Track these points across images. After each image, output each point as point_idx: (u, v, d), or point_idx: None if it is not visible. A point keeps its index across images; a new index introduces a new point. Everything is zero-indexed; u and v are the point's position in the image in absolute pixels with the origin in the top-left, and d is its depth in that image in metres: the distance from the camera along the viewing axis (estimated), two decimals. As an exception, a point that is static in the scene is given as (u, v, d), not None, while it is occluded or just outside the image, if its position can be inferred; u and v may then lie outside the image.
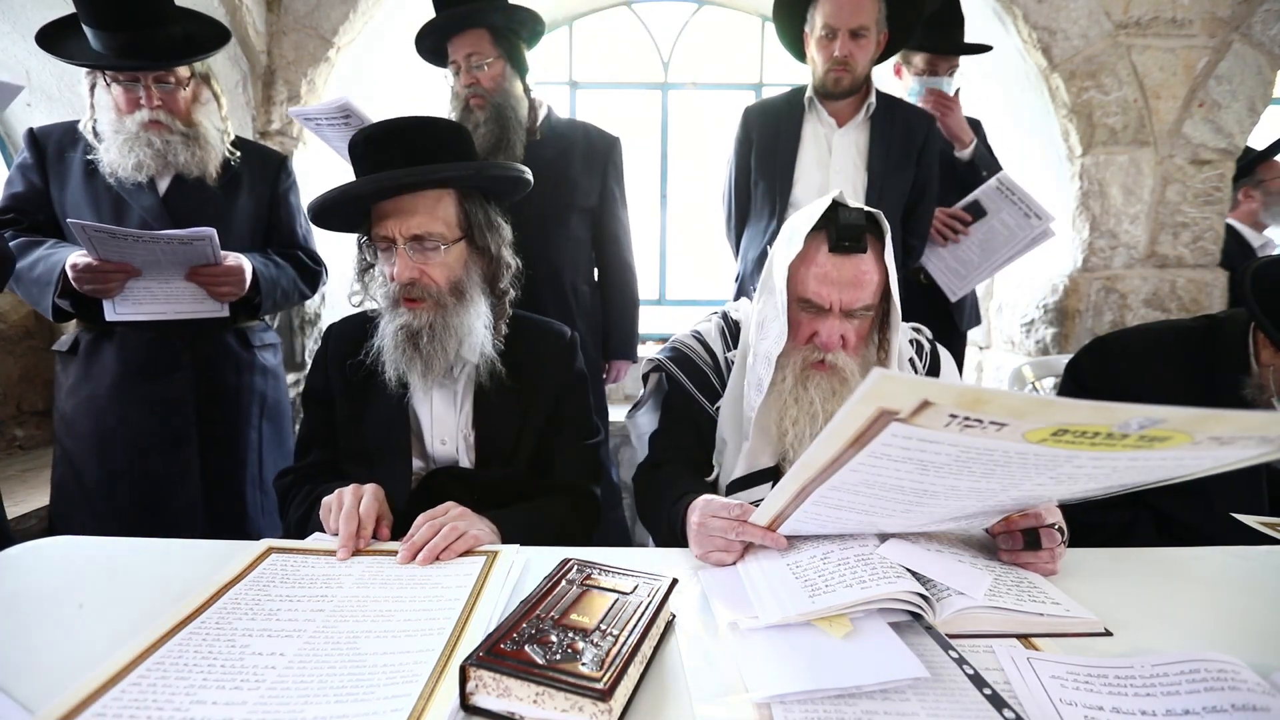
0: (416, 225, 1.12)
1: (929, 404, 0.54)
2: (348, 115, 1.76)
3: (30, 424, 2.46)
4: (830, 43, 1.85)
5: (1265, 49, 2.41)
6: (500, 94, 1.79)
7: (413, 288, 1.14)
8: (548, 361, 1.27)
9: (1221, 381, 1.22)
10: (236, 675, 0.66)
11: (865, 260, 1.05)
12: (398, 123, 1.15)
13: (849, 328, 1.07)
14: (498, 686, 0.62)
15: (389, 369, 1.16)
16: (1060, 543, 0.91)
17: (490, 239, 1.20)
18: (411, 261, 1.13)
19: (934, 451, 0.62)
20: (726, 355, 1.24)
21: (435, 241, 1.14)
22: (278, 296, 1.73)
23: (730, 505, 0.93)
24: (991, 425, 0.56)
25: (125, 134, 1.53)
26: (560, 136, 1.92)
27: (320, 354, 1.29)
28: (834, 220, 1.04)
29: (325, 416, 1.27)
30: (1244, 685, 0.63)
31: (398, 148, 1.13)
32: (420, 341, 1.13)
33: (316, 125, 1.86)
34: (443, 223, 1.15)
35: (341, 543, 0.94)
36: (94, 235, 1.40)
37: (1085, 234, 2.56)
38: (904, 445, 0.61)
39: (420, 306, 1.14)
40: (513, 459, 1.23)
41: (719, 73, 3.69)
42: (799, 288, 1.07)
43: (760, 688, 0.65)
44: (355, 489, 1.00)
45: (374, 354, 1.17)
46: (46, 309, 1.53)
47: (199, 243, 1.48)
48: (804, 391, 1.08)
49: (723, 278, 2.39)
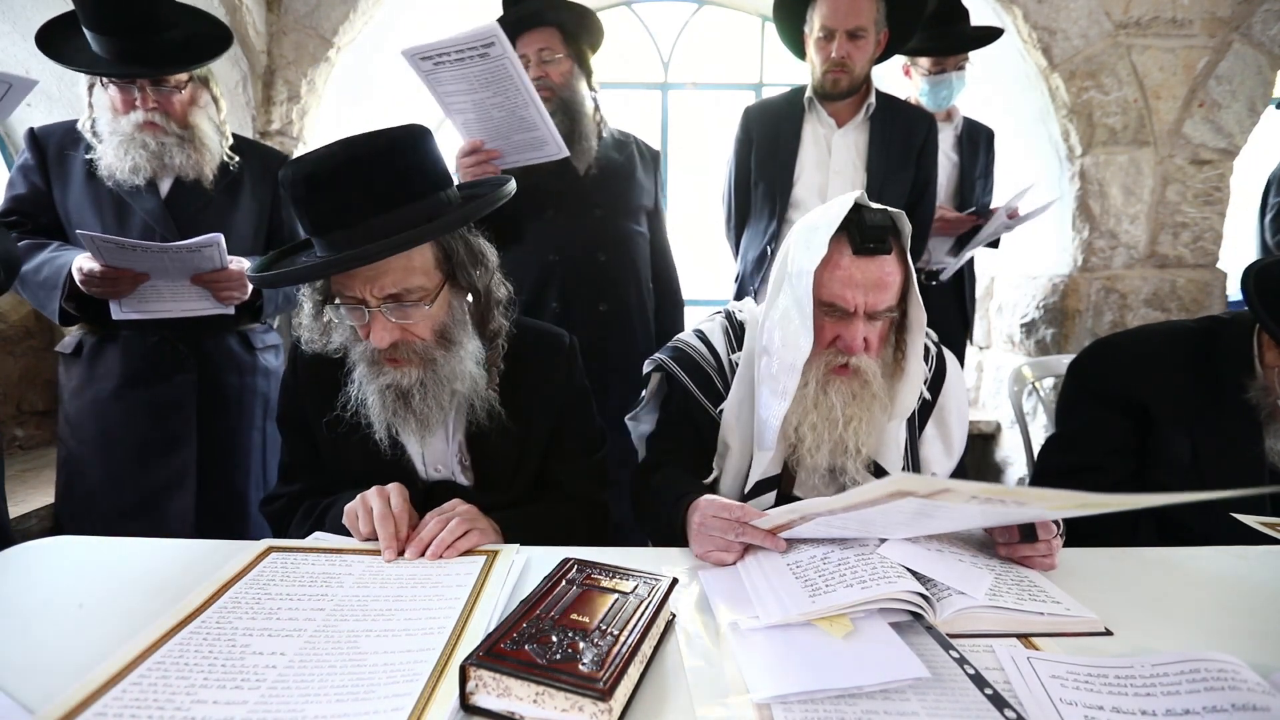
0: (391, 284, 0.97)
1: (948, 491, 0.56)
2: (490, 44, 1.47)
3: (30, 424, 2.46)
4: (828, 44, 1.85)
5: (1265, 49, 2.41)
6: (568, 90, 1.80)
7: (395, 349, 1.00)
8: (548, 377, 1.19)
9: (1226, 384, 1.21)
10: (237, 675, 0.66)
11: (889, 261, 1.03)
12: (344, 156, 0.93)
13: (871, 330, 1.05)
14: (498, 686, 0.62)
15: (378, 428, 1.04)
16: (1057, 535, 0.91)
17: (476, 275, 1.06)
18: (390, 324, 0.98)
19: (945, 510, 0.65)
20: (731, 357, 1.22)
21: (416, 295, 0.99)
22: (280, 300, 1.74)
23: (731, 506, 0.93)
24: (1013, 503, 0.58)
25: (121, 135, 1.53)
26: (621, 141, 1.96)
27: (289, 378, 1.18)
28: (856, 222, 1.02)
29: (306, 442, 1.18)
30: (1244, 685, 0.63)
31: (350, 192, 0.93)
32: (413, 401, 1.02)
33: (435, 63, 1.52)
34: (421, 274, 1.00)
35: (385, 544, 0.92)
36: (102, 246, 1.40)
37: (1085, 234, 2.56)
38: (919, 506, 0.64)
39: (406, 365, 1.02)
40: (511, 485, 1.17)
41: (719, 73, 3.69)
42: (821, 291, 1.04)
43: (760, 688, 0.65)
44: (380, 491, 0.98)
45: (354, 406, 1.05)
46: (53, 313, 1.53)
47: (206, 250, 1.47)
48: (824, 397, 1.06)
49: (723, 278, 2.39)
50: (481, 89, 1.55)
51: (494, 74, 1.52)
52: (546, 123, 1.60)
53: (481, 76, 1.53)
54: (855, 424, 1.04)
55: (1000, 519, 0.86)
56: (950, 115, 2.40)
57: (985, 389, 3.17)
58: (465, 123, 1.61)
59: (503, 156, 1.67)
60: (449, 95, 1.59)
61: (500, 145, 1.65)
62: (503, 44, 1.46)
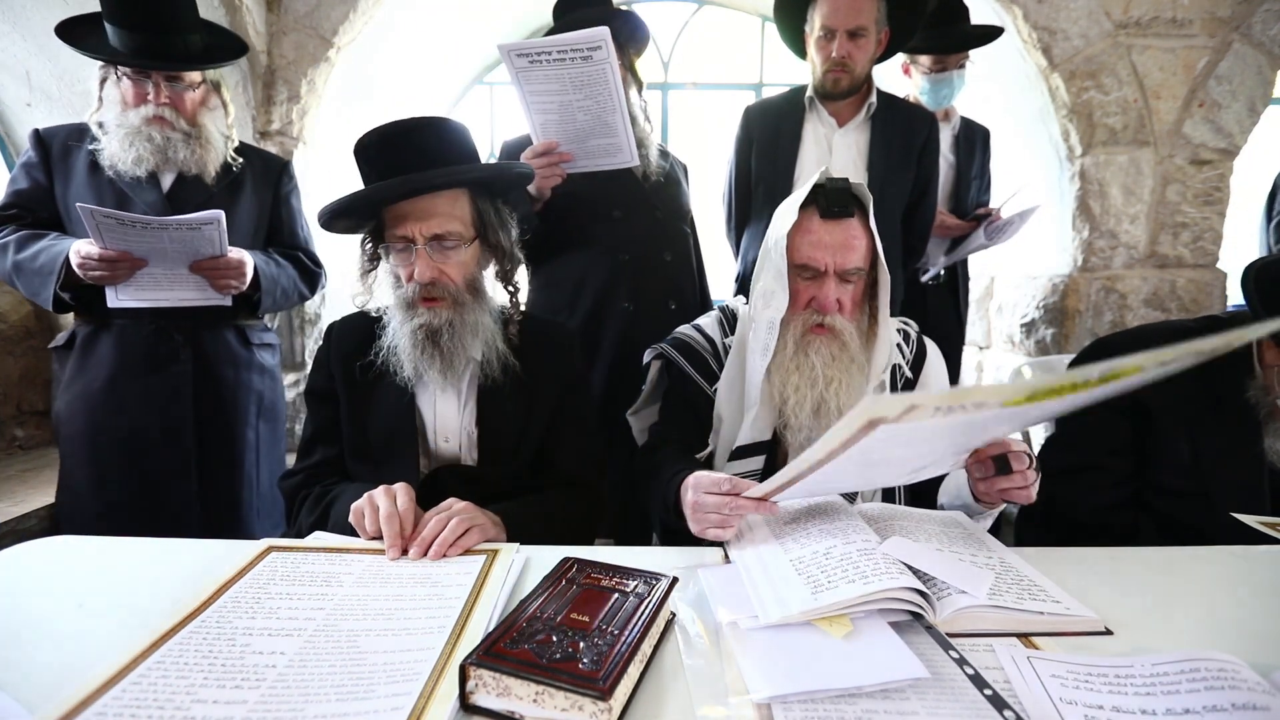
0: (436, 225, 1.14)
1: (915, 408, 0.60)
2: (596, 48, 1.48)
3: (30, 424, 2.46)
4: (829, 43, 1.84)
5: (1265, 49, 2.41)
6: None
7: (433, 287, 1.16)
8: (552, 358, 1.28)
9: (1225, 384, 1.21)
10: (237, 674, 0.66)
11: (853, 225, 1.14)
12: (408, 124, 1.16)
13: (844, 291, 1.15)
14: (497, 685, 0.62)
15: (407, 367, 1.17)
16: (1030, 466, 0.96)
17: (502, 236, 1.23)
18: (432, 261, 1.15)
19: (917, 431, 0.68)
20: (724, 341, 1.30)
21: (454, 240, 1.16)
22: (277, 295, 1.73)
23: (720, 480, 0.97)
24: (972, 406, 0.62)
25: (128, 127, 1.55)
26: (663, 151, 1.98)
27: (323, 351, 1.29)
28: (823, 191, 1.15)
29: (330, 413, 1.27)
30: (1244, 684, 0.63)
31: (410, 149, 1.15)
32: (441, 339, 1.15)
33: (532, 60, 1.52)
34: (460, 221, 1.17)
35: (391, 543, 0.93)
36: (101, 221, 1.40)
37: (1085, 234, 2.56)
38: (892, 435, 0.66)
39: (439, 305, 1.17)
40: (515, 456, 1.24)
41: (719, 73, 3.69)
42: (795, 255, 1.15)
43: (760, 688, 0.65)
44: (386, 490, 1.00)
45: (385, 353, 1.18)
46: (47, 299, 1.53)
47: (207, 227, 1.47)
48: (805, 358, 1.15)
49: (723, 278, 2.39)
50: (574, 91, 1.57)
51: (592, 78, 1.54)
52: (627, 130, 1.63)
53: (578, 79, 1.55)
54: (836, 385, 1.13)
55: (969, 435, 0.88)
56: (948, 115, 2.40)
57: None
58: (545, 123, 1.63)
59: (574, 160, 1.68)
60: (536, 94, 1.59)
61: (574, 149, 1.66)
62: (609, 49, 1.50)
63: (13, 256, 1.55)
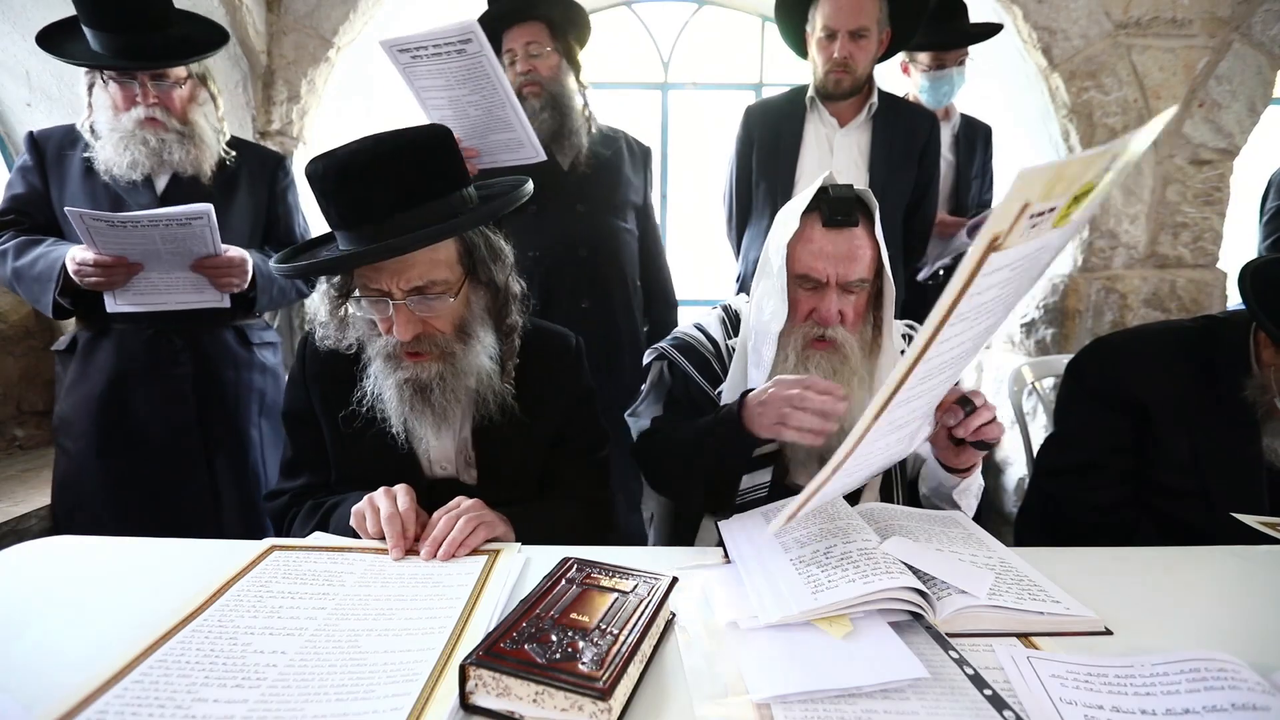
0: (417, 276, 0.99)
1: (1028, 206, 0.57)
2: (467, 40, 1.44)
3: (30, 424, 2.46)
4: (830, 44, 1.84)
5: (1265, 49, 2.41)
6: (556, 84, 1.79)
7: (417, 342, 1.02)
8: (556, 376, 1.20)
9: (1224, 383, 1.21)
10: (238, 673, 0.66)
11: (858, 234, 1.09)
12: (374, 151, 0.95)
13: (846, 303, 1.10)
14: (497, 686, 0.62)
15: (395, 423, 1.05)
16: (985, 403, 0.99)
17: (495, 270, 1.08)
18: (414, 315, 1.01)
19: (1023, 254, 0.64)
20: (728, 342, 1.27)
21: (439, 290, 1.02)
22: (274, 293, 1.73)
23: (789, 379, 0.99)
24: (1049, 213, 0.60)
25: (121, 131, 1.54)
26: (609, 137, 1.95)
27: (298, 371, 1.18)
28: (826, 198, 1.09)
29: (312, 437, 1.17)
30: (1244, 685, 0.63)
31: (380, 186, 0.96)
32: (431, 395, 1.03)
33: (413, 56, 1.52)
34: (445, 267, 1.02)
35: (394, 544, 0.92)
36: (91, 224, 1.40)
37: (1085, 234, 2.56)
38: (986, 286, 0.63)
39: (425, 360, 1.03)
40: (515, 486, 1.16)
41: (719, 73, 3.69)
42: (796, 265, 1.10)
43: (760, 688, 0.65)
44: (387, 492, 0.99)
45: (370, 402, 1.06)
46: (47, 306, 1.53)
47: (197, 222, 1.46)
48: (805, 371, 1.09)
49: (723, 278, 2.40)
50: (458, 86, 1.53)
51: (471, 71, 1.50)
52: (524, 125, 1.58)
53: (459, 73, 1.51)
54: None
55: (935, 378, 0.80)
56: (948, 113, 2.40)
57: (985, 389, 3.17)
58: (442, 119, 1.59)
59: (480, 156, 1.64)
60: (426, 90, 1.58)
61: (477, 144, 1.63)
62: (480, 41, 1.45)
63: (12, 263, 1.55)
